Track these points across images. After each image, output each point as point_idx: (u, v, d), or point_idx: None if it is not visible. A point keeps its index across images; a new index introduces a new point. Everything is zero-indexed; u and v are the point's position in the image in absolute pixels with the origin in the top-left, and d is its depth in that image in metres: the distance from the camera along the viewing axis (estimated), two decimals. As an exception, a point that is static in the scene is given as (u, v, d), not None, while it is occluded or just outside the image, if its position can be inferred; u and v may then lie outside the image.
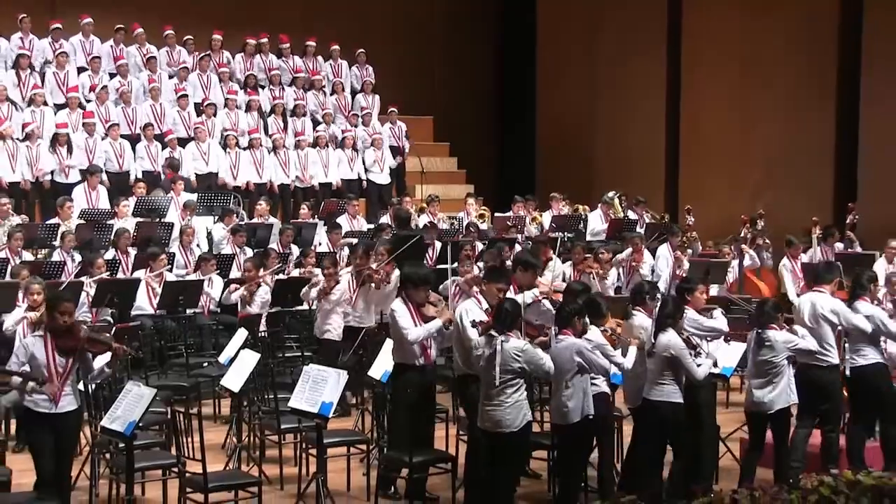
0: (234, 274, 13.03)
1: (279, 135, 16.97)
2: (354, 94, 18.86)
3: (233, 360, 9.43)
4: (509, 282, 8.45)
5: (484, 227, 16.10)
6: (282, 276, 12.75)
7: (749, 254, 14.14)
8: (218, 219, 14.65)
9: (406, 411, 8.33)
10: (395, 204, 16.18)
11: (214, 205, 14.98)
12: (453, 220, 16.49)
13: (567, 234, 15.30)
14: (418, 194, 17.64)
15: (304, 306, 12.18)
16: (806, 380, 8.62)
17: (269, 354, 10.51)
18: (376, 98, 18.85)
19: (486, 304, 8.14)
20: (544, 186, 18.88)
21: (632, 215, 16.52)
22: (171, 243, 13.74)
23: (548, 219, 16.48)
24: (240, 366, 9.06)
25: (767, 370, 8.25)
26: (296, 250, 13.97)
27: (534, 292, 8.78)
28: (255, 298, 12.17)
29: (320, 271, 11.68)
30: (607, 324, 8.04)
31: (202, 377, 11.09)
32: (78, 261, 12.55)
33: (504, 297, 7.90)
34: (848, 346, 8.93)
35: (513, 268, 9.14)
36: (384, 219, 15.78)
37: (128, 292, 11.90)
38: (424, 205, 16.54)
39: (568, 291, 8.62)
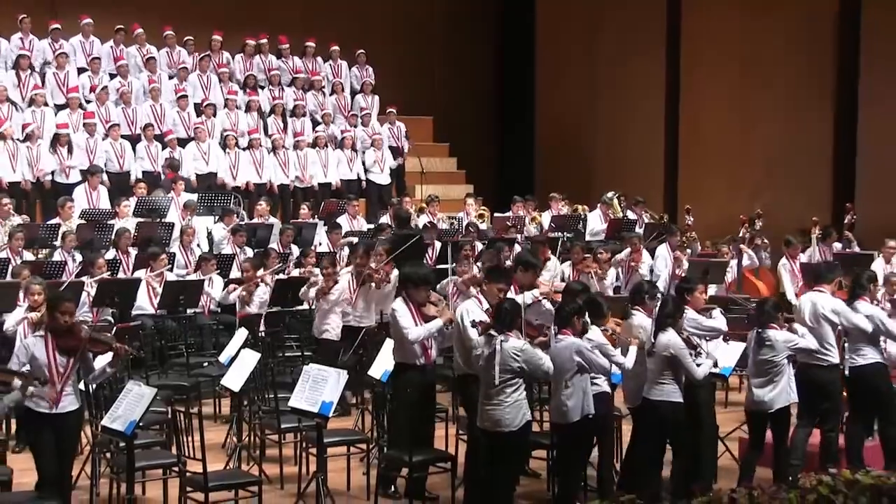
0: (235, 274, 13.05)
1: (279, 135, 16.99)
2: (354, 94, 18.89)
3: (233, 359, 9.45)
4: (510, 282, 8.47)
5: (483, 227, 16.12)
6: (282, 276, 12.77)
7: (748, 253, 14.16)
8: (218, 219, 14.67)
9: (407, 411, 8.35)
10: (395, 204, 16.20)
11: (215, 205, 15.00)
12: (453, 221, 16.50)
13: (566, 234, 15.32)
14: (418, 194, 17.65)
15: (305, 306, 12.21)
16: (806, 379, 8.64)
17: (269, 354, 10.52)
18: (376, 98, 18.87)
19: (486, 304, 8.16)
20: (544, 186, 18.90)
21: (631, 215, 16.55)
22: (171, 243, 13.76)
23: (547, 219, 16.50)
24: (240, 365, 9.09)
25: (768, 369, 8.28)
26: (296, 250, 14.00)
27: (534, 293, 8.81)
28: (253, 298, 12.19)
29: (319, 271, 11.71)
30: (607, 323, 8.07)
31: (202, 377, 11.11)
32: (79, 261, 12.57)
33: (504, 297, 7.92)
34: (847, 345, 8.94)
35: (513, 268, 9.16)
36: (384, 219, 15.80)
37: (128, 292, 11.92)
38: (424, 205, 16.55)
39: (567, 291, 8.65)
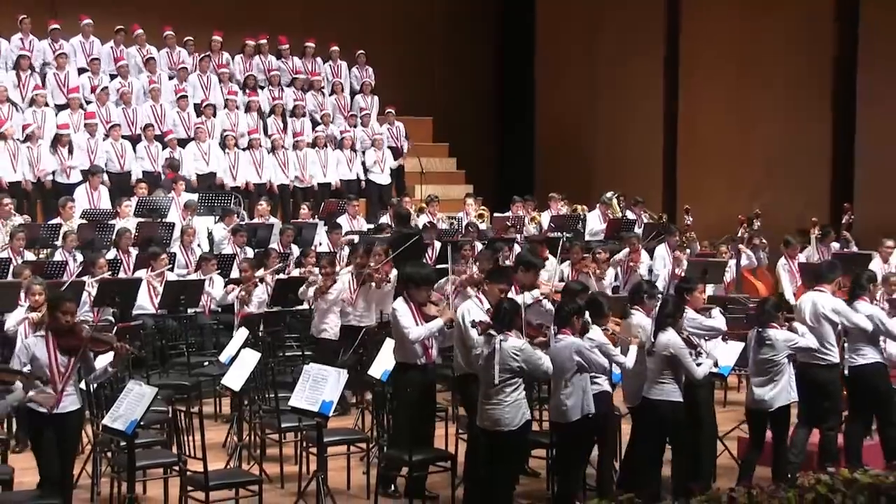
0: (235, 274, 13.07)
1: (278, 135, 17.01)
2: (353, 94, 18.91)
3: (233, 359, 9.47)
4: (511, 282, 8.49)
5: (483, 227, 16.15)
6: (282, 276, 12.80)
7: (746, 253, 14.19)
8: (219, 219, 14.70)
9: (407, 410, 8.37)
10: (395, 203, 16.22)
11: (215, 205, 15.03)
12: (452, 220, 16.53)
13: (566, 233, 15.34)
14: (418, 194, 17.67)
15: (305, 306, 12.24)
16: (806, 378, 8.67)
17: (269, 354, 10.55)
18: (375, 99, 18.89)
19: (487, 304, 8.17)
20: (543, 186, 18.92)
21: (630, 215, 16.58)
22: (172, 243, 13.79)
23: (546, 219, 16.53)
24: (240, 365, 9.11)
25: (768, 368, 8.31)
26: (296, 250, 14.02)
27: (534, 293, 8.83)
28: (252, 298, 12.22)
29: (318, 270, 11.75)
30: (607, 323, 8.09)
31: (203, 376, 11.13)
32: (80, 261, 12.60)
33: (505, 297, 7.95)
34: (847, 345, 8.96)
35: (514, 268, 9.18)
36: (384, 219, 15.83)
37: (129, 292, 11.94)
38: (424, 205, 16.57)
39: (566, 291, 8.67)
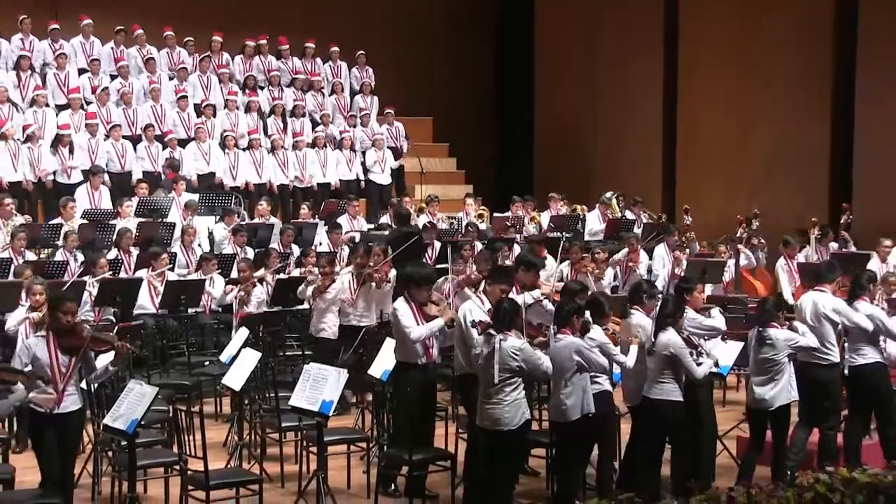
0: (236, 274, 13.10)
1: (278, 135, 17.04)
2: (353, 95, 18.94)
3: (234, 358, 9.49)
4: (512, 283, 8.51)
5: (483, 227, 16.17)
6: (283, 276, 12.82)
7: (745, 253, 14.21)
8: (219, 219, 14.72)
9: (408, 409, 8.40)
10: (395, 202, 16.24)
11: (216, 205, 15.04)
12: (452, 221, 16.54)
13: (565, 233, 15.36)
14: (418, 194, 17.69)
15: (305, 305, 12.26)
16: (806, 377, 8.69)
17: (269, 353, 10.57)
18: (375, 99, 18.91)
19: (488, 305, 8.18)
20: (543, 186, 18.93)
21: (629, 215, 16.59)
22: (172, 243, 13.80)
23: (546, 219, 16.55)
24: (241, 364, 9.12)
25: (769, 368, 8.32)
26: (297, 250, 14.05)
27: (535, 293, 8.85)
28: (251, 298, 12.24)
29: (317, 270, 11.77)
30: (607, 322, 8.11)
31: (204, 376, 11.16)
32: (81, 260, 12.61)
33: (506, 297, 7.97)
34: (847, 345, 8.98)
35: (515, 268, 9.20)
36: (384, 219, 15.86)
37: (130, 292, 11.94)
38: (424, 205, 16.59)
39: (566, 291, 8.69)
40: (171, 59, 17.57)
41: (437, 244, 14.29)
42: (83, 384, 7.74)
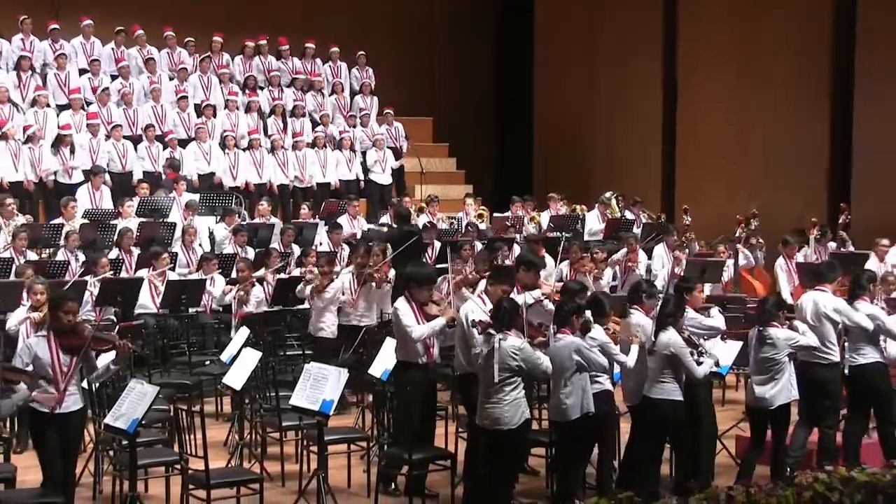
0: (236, 274, 13.12)
1: (278, 136, 17.06)
2: (353, 95, 18.95)
3: (235, 358, 9.51)
4: (514, 283, 8.53)
5: (482, 227, 16.19)
6: (283, 276, 12.84)
7: (744, 253, 14.22)
8: (220, 219, 14.74)
9: (409, 408, 8.41)
10: (395, 202, 16.26)
11: (216, 205, 15.07)
12: (452, 220, 16.56)
13: (565, 233, 15.38)
14: (417, 194, 17.70)
15: (306, 305, 12.28)
16: (807, 377, 8.72)
17: (270, 353, 10.59)
18: (375, 99, 18.93)
19: (489, 305, 8.18)
20: (543, 186, 18.95)
21: (629, 215, 16.62)
22: (173, 243, 13.84)
23: (546, 219, 16.57)
24: (241, 364, 9.14)
25: (769, 367, 8.35)
26: (297, 250, 14.07)
27: (535, 293, 8.87)
28: (250, 298, 12.26)
29: (316, 269, 11.79)
30: (608, 322, 8.13)
31: (204, 375, 11.18)
32: (82, 260, 12.64)
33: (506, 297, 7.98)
34: (848, 344, 9.00)
35: (515, 268, 9.22)
36: (384, 218, 15.87)
37: (131, 291, 11.97)
38: (424, 205, 16.61)
39: (565, 290, 8.71)
40: (171, 60, 17.58)
41: (437, 244, 14.31)
42: (84, 384, 7.75)
